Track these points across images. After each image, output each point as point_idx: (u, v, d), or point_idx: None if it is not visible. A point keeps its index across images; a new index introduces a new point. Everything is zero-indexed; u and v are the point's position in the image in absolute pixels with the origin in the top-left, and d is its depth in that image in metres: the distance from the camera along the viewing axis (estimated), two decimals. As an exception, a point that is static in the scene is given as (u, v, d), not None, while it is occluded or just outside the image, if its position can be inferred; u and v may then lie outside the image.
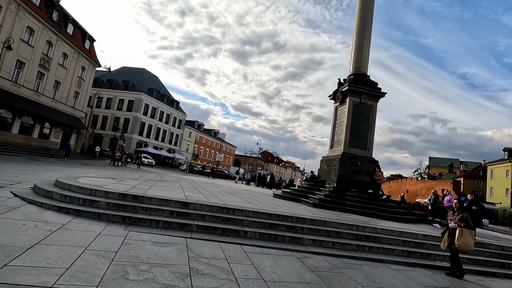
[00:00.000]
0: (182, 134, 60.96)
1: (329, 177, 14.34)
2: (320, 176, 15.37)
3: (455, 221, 6.07)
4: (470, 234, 5.99)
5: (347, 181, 13.44)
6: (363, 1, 15.99)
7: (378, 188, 13.90)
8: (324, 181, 14.69)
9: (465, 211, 6.32)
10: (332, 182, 13.88)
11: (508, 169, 48.91)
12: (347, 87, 14.30)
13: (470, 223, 6.08)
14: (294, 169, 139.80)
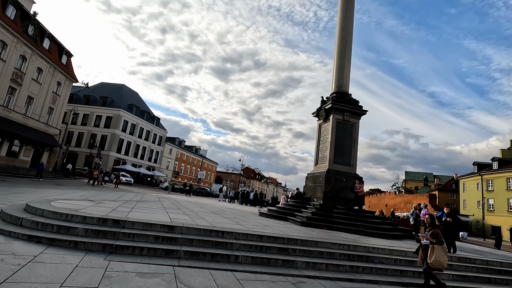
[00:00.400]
0: (162, 151, 59.52)
1: (315, 194, 14.29)
2: (306, 193, 15.29)
3: (427, 238, 5.89)
4: (442, 250, 5.77)
5: (333, 198, 13.43)
6: (342, 24, 16.70)
7: (362, 203, 13.99)
8: (310, 198, 14.60)
9: (437, 226, 6.24)
10: (318, 199, 13.83)
11: (478, 182, 51.32)
12: (330, 105, 14.59)
13: (442, 239, 5.92)
14: (276, 185, 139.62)
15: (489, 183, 48.61)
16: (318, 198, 13.92)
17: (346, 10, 16.80)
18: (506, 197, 45.03)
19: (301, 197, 15.04)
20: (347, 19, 16.69)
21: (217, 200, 30.91)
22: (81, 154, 45.40)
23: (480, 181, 50.55)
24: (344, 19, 16.69)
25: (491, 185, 48.21)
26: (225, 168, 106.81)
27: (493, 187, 47.74)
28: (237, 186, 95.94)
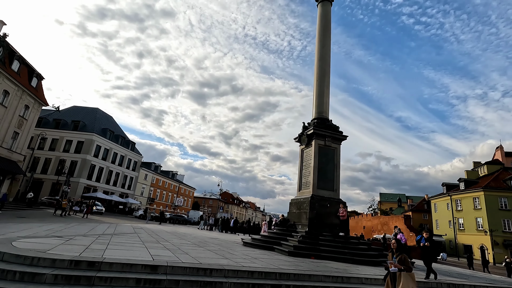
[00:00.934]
0: (137, 176, 56.98)
1: (300, 220, 14.03)
2: (290, 219, 14.98)
3: (395, 265, 5.67)
4: (410, 277, 5.54)
5: (318, 224, 13.23)
6: (320, 54, 17.48)
7: (347, 228, 13.88)
8: (295, 225, 14.30)
9: (404, 252, 6.05)
10: (303, 226, 13.56)
11: (448, 202, 53.62)
12: (312, 131, 14.82)
13: (410, 265, 5.76)
14: (254, 210, 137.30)
15: (458, 203, 50.86)
16: (303, 225, 13.66)
17: (323, 41, 17.68)
18: (474, 216, 47.13)
19: (285, 224, 14.69)
20: (324, 49, 17.52)
21: (196, 228, 29.59)
22: (47, 181, 42.22)
23: (449, 201, 52.82)
24: (322, 49, 17.51)
25: (459, 205, 50.45)
26: (202, 193, 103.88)
27: (461, 207, 49.95)
28: (215, 212, 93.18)
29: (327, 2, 18.55)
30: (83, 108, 53.19)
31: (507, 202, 44.62)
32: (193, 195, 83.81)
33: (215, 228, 29.86)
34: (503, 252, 42.28)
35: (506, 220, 43.83)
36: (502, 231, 43.31)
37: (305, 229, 13.20)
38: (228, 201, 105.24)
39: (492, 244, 42.51)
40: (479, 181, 50.43)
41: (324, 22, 18.06)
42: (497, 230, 42.95)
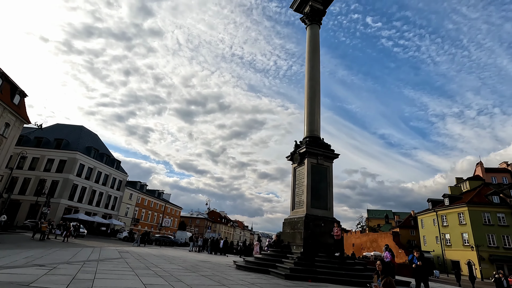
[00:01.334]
0: (121, 196, 55.04)
1: (294, 241, 13.74)
2: (284, 240, 14.65)
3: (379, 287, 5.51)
4: None
5: (313, 244, 12.98)
6: (310, 74, 17.89)
7: (342, 247, 13.67)
8: (289, 246, 13.97)
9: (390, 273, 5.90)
10: (298, 246, 13.27)
11: (434, 218, 54.38)
12: (305, 149, 14.86)
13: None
14: (242, 229, 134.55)
15: (444, 219, 51.67)
16: (297, 245, 13.37)
17: (313, 62, 18.17)
18: (460, 232, 47.87)
19: (280, 245, 14.33)
20: (314, 69, 17.97)
21: (183, 250, 28.52)
22: (25, 202, 40.07)
23: (435, 217, 53.61)
24: (312, 69, 17.95)
25: (445, 220, 51.25)
26: (189, 213, 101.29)
27: (447, 223, 50.73)
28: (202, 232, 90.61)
29: (316, 25, 19.23)
30: (67, 126, 51.76)
31: (490, 217, 45.74)
32: (179, 215, 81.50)
33: (203, 250, 28.82)
34: (489, 267, 42.81)
35: (491, 235, 44.74)
36: (487, 246, 44.06)
37: (300, 249, 12.91)
38: (216, 220, 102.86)
39: (479, 260, 43.02)
40: (462, 197, 51.73)
41: (313, 43, 18.63)
42: (483, 245, 43.67)
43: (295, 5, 20.30)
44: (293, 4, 20.52)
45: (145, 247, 26.69)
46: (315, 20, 19.19)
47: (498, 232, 44.60)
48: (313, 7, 19.07)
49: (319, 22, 19.48)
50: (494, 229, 44.91)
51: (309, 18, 19.22)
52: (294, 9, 20.72)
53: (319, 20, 19.43)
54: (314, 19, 19.13)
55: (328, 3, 19.91)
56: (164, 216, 69.50)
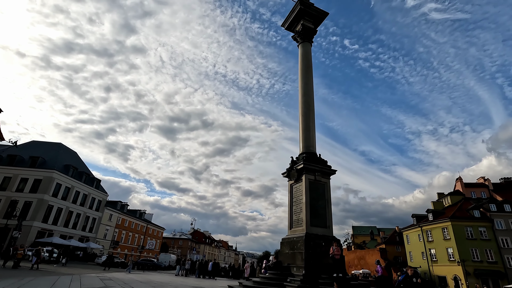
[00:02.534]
0: (100, 217, 52.01)
1: (295, 262, 13.09)
2: (283, 261, 13.93)
3: None
4: None
5: (314, 266, 12.39)
6: (304, 90, 17.95)
7: (343, 268, 13.16)
8: (289, 267, 13.28)
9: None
10: (299, 268, 12.63)
11: (419, 233, 54.95)
12: (302, 165, 14.55)
13: None
14: (227, 249, 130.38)
15: (429, 234, 52.27)
16: (298, 267, 12.73)
17: (306, 78, 18.29)
18: (445, 247, 48.47)
19: (279, 267, 13.59)
20: (308, 86, 18.05)
21: (169, 274, 26.81)
22: (-8, 226, 36.80)
23: (420, 232, 54.15)
24: (306, 86, 18.03)
25: (430, 235, 51.85)
26: (171, 233, 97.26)
27: (432, 238, 51.33)
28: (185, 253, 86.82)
29: (307, 43, 19.56)
30: (44, 143, 49.11)
31: (473, 231, 46.81)
32: (162, 236, 77.94)
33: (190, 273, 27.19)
34: (475, 282, 43.28)
35: (474, 249, 45.60)
36: (472, 261, 44.75)
37: (301, 271, 12.27)
38: (200, 240, 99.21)
39: (465, 275, 43.45)
40: (445, 212, 52.87)
41: (306, 61, 18.86)
42: (468, 260, 44.33)
43: (287, 23, 20.65)
44: (285, 22, 20.88)
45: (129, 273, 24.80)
46: (307, 38, 19.55)
47: (481, 246, 45.57)
48: (305, 26, 19.46)
49: (311, 41, 19.85)
50: (477, 243, 45.87)
51: (301, 37, 19.55)
52: (286, 28, 21.07)
53: (310, 39, 19.80)
54: (306, 38, 19.48)
55: (319, 23, 20.42)
56: (145, 237, 66.19)
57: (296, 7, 19.41)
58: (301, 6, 19.12)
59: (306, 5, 19.35)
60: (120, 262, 35.93)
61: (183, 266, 27.09)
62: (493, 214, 47.17)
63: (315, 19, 20.03)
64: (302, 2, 19.26)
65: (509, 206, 47.49)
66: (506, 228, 45.99)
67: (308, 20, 19.75)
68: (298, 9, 19.27)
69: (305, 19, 19.62)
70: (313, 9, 19.66)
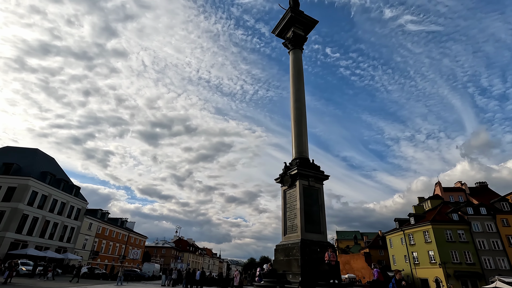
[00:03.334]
0: (79, 226, 49.63)
1: (290, 269, 12.92)
2: (278, 269, 13.71)
3: None
4: None
5: (310, 272, 12.29)
6: (296, 96, 18.06)
7: (339, 274, 13.15)
8: (284, 275, 13.09)
9: None
10: (295, 275, 12.47)
11: (402, 237, 56.30)
12: (296, 171, 14.52)
13: None
14: (211, 257, 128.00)
15: (411, 238, 53.65)
16: (294, 274, 12.57)
17: (298, 84, 18.43)
18: (426, 250, 49.87)
19: (274, 275, 13.36)
20: (299, 92, 18.19)
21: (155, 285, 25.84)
22: (-40, 239, 34.21)
23: (403, 236, 55.49)
24: (297, 92, 18.16)
25: (412, 239, 53.22)
26: (154, 242, 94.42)
27: (414, 241, 52.71)
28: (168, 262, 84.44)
29: (298, 49, 19.78)
30: (19, 149, 46.54)
31: (452, 234, 48.50)
32: (144, 245, 75.44)
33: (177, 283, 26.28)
34: (455, 283, 44.70)
35: (454, 251, 47.18)
36: (452, 263, 46.24)
37: (298, 278, 12.12)
38: (184, 248, 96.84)
39: (445, 276, 44.78)
40: (426, 215, 54.56)
41: (297, 67, 19.04)
42: (448, 262, 45.77)
43: (277, 30, 20.81)
44: (275, 29, 21.05)
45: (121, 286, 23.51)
46: (298, 45, 19.78)
47: (460, 248, 47.24)
48: (295, 33, 19.69)
49: (301, 47, 20.10)
50: (456, 246, 47.52)
51: (291, 43, 19.74)
52: (276, 34, 21.23)
53: (301, 45, 20.06)
54: (296, 44, 19.70)
55: (309, 30, 20.73)
56: (127, 247, 63.82)
57: (287, 15, 19.63)
58: (292, 14, 19.36)
59: (296, 13, 19.62)
60: (101, 273, 34.27)
61: (170, 276, 26.16)
62: (470, 217, 49.17)
63: (305, 26, 20.32)
64: (293, 10, 19.53)
65: (484, 210, 49.68)
66: (483, 230, 48.01)
67: (298, 28, 20.01)
68: (289, 17, 19.49)
69: (296, 26, 19.86)
70: (303, 17, 19.96)
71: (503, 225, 47.75)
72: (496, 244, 46.72)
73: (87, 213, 52.22)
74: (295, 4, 20.32)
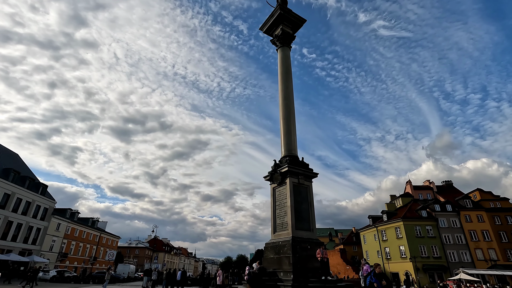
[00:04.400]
0: (46, 227, 46.47)
1: (281, 266, 12.88)
2: (268, 267, 13.61)
3: None
4: None
5: (301, 270, 12.32)
6: (285, 93, 18.05)
7: (328, 270, 13.32)
8: (274, 273, 13.01)
9: None
10: (286, 272, 12.44)
11: (375, 233, 58.80)
12: (287, 168, 14.50)
13: None
14: (187, 256, 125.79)
15: (383, 234, 56.15)
16: (285, 271, 12.53)
17: (286, 82, 18.44)
18: (398, 245, 52.41)
19: (264, 273, 13.23)
20: (288, 90, 18.21)
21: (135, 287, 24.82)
22: None
23: (376, 232, 57.94)
24: (286, 89, 18.16)
25: (385, 235, 55.72)
26: (127, 242, 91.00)
27: (387, 237, 55.21)
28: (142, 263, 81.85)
29: (286, 47, 19.78)
30: (-23, 144, 42.64)
31: (421, 230, 51.35)
32: (117, 245, 72.44)
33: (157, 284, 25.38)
34: (424, 276, 47.44)
35: (423, 246, 49.98)
36: (421, 257, 48.96)
37: (289, 276, 12.09)
38: (159, 248, 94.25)
39: (415, 270, 47.34)
40: (397, 212, 57.34)
41: (285, 65, 19.03)
42: (418, 256, 48.40)
43: (266, 27, 20.63)
44: (264, 26, 20.85)
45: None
46: (286, 43, 19.77)
47: (428, 243, 50.16)
48: (284, 31, 19.65)
49: (290, 45, 20.12)
50: (424, 241, 50.40)
51: (280, 41, 19.69)
52: (264, 31, 21.05)
53: (289, 43, 20.07)
54: (285, 42, 19.69)
55: (297, 29, 20.76)
56: (99, 247, 60.92)
57: (276, 12, 19.54)
58: (280, 11, 19.29)
59: (285, 11, 19.58)
60: (72, 276, 32.30)
61: (150, 277, 25.22)
62: (438, 214, 52.31)
63: (294, 24, 20.35)
64: (282, 7, 19.46)
65: (450, 206, 53.10)
66: (448, 226, 51.28)
67: (287, 25, 19.99)
68: (278, 14, 19.40)
69: (284, 24, 19.83)
70: (292, 15, 19.96)
71: (466, 220, 51.32)
72: (460, 238, 50.11)
73: (55, 213, 49.04)
74: (283, 2, 20.26)
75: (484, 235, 49.86)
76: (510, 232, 49.70)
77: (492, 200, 54.10)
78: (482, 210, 51.89)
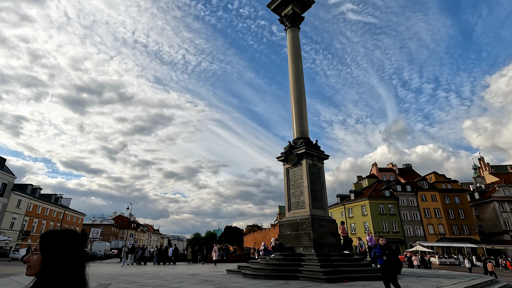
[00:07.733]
0: (5, 204, 42.57)
1: (300, 242, 13.57)
2: (285, 242, 14.24)
3: None
4: None
5: (320, 245, 13.16)
6: (296, 75, 18.09)
7: (350, 245, 14.52)
8: (292, 248, 13.70)
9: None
10: (306, 247, 13.18)
11: (342, 211, 63.48)
12: (304, 150, 14.91)
13: None
14: (153, 233, 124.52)
15: (350, 211, 60.86)
16: (305, 247, 13.27)
17: (297, 64, 18.43)
18: (363, 221, 57.29)
19: (283, 249, 13.85)
20: (299, 72, 18.26)
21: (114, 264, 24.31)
22: None
23: (343, 210, 62.53)
24: (297, 71, 18.19)
25: (351, 212, 60.45)
26: (90, 219, 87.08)
27: (353, 214, 59.96)
28: (108, 240, 79.37)
29: (296, 28, 19.59)
30: None
31: (384, 208, 56.52)
32: (82, 223, 69.07)
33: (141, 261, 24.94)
34: (384, 248, 52.89)
35: (384, 222, 55.28)
36: (382, 232, 54.23)
37: (309, 250, 12.86)
38: (124, 225, 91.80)
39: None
40: (363, 192, 62.17)
41: (295, 46, 18.92)
42: (380, 232, 53.54)
43: (274, 4, 20.05)
44: (272, 3, 20.24)
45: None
46: (295, 23, 19.54)
47: (389, 220, 55.56)
48: (294, 11, 19.34)
49: (299, 26, 19.93)
50: (386, 218, 55.72)
51: (289, 21, 19.37)
52: (272, 9, 20.50)
53: (298, 24, 19.87)
54: (294, 23, 19.44)
55: (305, 9, 20.51)
56: (63, 225, 57.51)
57: (287, -12, 19.03)
58: (292, -12, 18.85)
59: (296, -12, 19.16)
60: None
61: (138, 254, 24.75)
62: (399, 194, 57.70)
63: (303, 5, 20.07)
64: (293, -16, 19.00)
65: (409, 187, 58.77)
66: (407, 204, 57.00)
67: (296, 5, 19.66)
68: (288, -9, 18.94)
69: (294, 3, 19.47)
70: (302, -6, 19.61)
71: (422, 200, 57.42)
72: (415, 215, 56.18)
73: (14, 189, 44.94)
74: (294, -21, 19.74)
75: (436, 212, 56.42)
76: (456, 210, 56.85)
77: (444, 182, 60.92)
78: (435, 191, 58.28)
